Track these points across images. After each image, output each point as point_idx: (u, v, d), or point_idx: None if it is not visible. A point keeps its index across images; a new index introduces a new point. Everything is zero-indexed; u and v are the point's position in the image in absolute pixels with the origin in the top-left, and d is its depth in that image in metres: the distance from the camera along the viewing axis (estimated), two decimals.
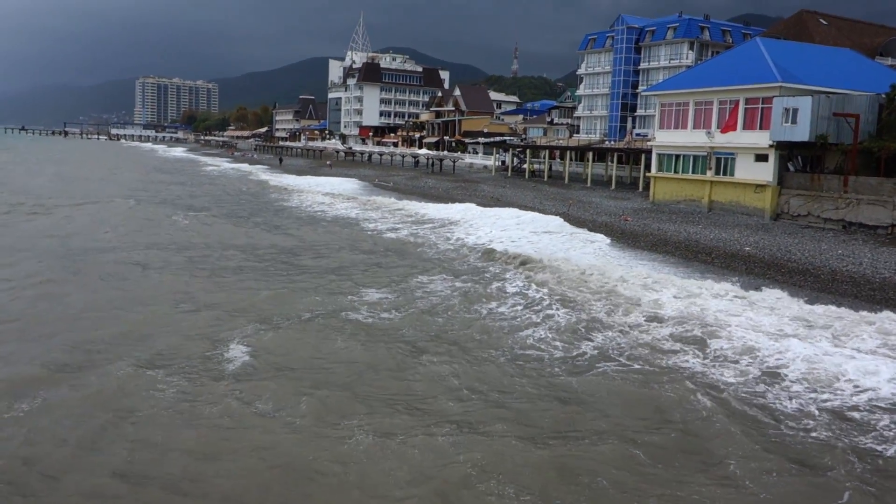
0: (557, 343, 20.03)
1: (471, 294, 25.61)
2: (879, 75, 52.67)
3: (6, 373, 16.59)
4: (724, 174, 49.91)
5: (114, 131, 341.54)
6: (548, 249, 34.84)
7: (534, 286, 26.61)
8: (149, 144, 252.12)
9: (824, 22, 75.31)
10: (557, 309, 23.35)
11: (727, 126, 49.53)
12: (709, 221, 45.13)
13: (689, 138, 52.74)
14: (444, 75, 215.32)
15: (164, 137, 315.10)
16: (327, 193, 64.77)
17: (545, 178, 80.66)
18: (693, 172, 52.53)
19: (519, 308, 23.86)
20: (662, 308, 23.28)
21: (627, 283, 26.51)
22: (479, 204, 53.97)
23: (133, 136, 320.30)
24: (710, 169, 50.74)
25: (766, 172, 46.55)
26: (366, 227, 43.92)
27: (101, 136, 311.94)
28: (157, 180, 78.88)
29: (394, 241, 38.00)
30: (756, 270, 30.43)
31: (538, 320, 22.30)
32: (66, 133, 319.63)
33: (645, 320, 22.15)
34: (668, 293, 25.03)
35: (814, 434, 14.62)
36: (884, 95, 45.41)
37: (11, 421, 14.22)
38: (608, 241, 38.32)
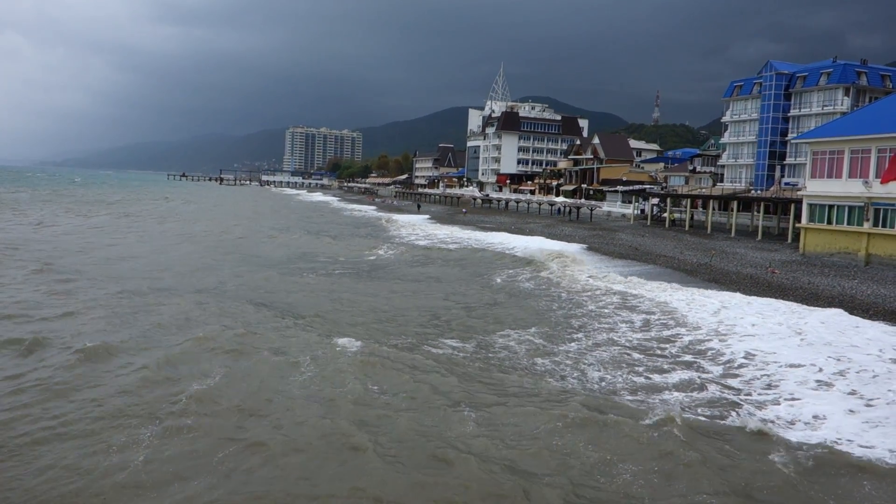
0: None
1: None
2: None
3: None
4: (884, 226, 46.90)
5: (264, 177, 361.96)
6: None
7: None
8: (294, 190, 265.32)
9: None
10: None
11: (887, 175, 46.67)
12: (866, 276, 42.36)
13: (845, 188, 50.05)
14: (583, 123, 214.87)
15: (310, 184, 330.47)
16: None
17: (686, 228, 78.44)
18: (848, 224, 49.67)
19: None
20: None
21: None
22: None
23: (281, 182, 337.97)
24: (868, 220, 47.83)
25: None
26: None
27: (252, 182, 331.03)
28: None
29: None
30: None
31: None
32: (221, 179, 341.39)
33: None
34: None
35: None
36: None
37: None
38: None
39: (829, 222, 51.36)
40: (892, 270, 44.45)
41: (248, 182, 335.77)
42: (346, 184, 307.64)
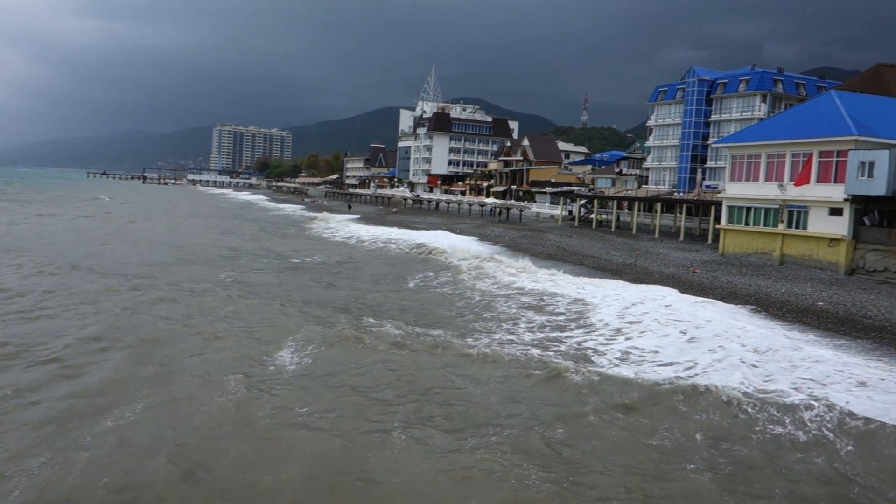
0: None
1: None
2: None
3: None
4: (797, 227, 49.05)
5: (190, 176, 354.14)
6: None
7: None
8: (221, 189, 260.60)
9: None
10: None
11: (800, 179, 48.82)
12: (780, 275, 44.28)
13: (761, 191, 52.12)
14: (514, 125, 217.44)
15: (237, 183, 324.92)
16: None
17: (612, 229, 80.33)
18: (764, 225, 51.76)
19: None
20: None
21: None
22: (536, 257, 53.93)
23: (208, 181, 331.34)
24: (783, 222, 49.94)
25: (840, 226, 45.62)
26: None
27: (176, 181, 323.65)
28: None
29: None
30: (829, 326, 29.69)
31: None
32: (144, 178, 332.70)
33: None
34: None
35: None
36: None
37: None
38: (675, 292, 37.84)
39: (747, 224, 53.40)
40: (805, 270, 46.57)
41: (173, 181, 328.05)
42: (275, 183, 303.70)
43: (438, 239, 62.62)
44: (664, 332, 27.48)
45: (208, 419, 16.91)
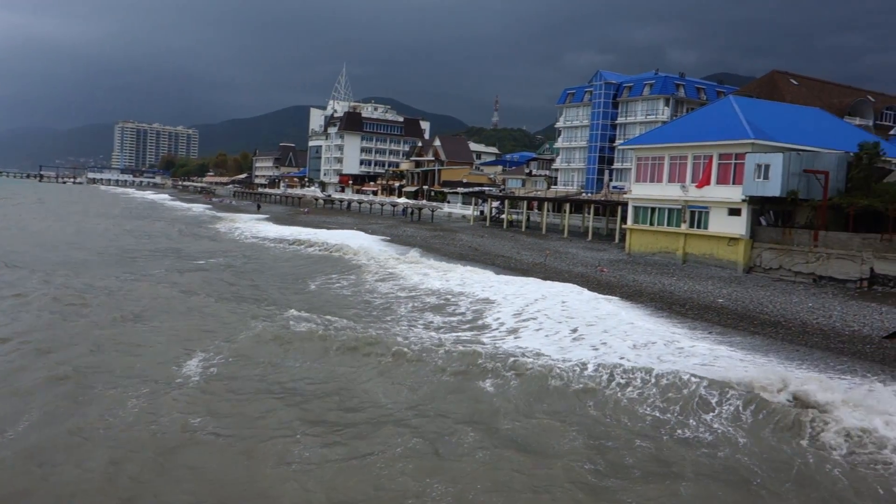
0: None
1: None
2: (848, 134, 54.21)
3: None
4: (699, 227, 50.79)
5: (90, 175, 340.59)
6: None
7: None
8: (123, 188, 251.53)
9: (795, 82, 77.50)
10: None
11: (701, 181, 50.57)
12: (683, 273, 45.75)
13: (665, 192, 53.73)
14: (425, 125, 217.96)
15: (141, 182, 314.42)
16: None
17: (523, 229, 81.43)
18: (668, 225, 53.39)
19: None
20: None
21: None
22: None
23: (110, 180, 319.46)
24: (685, 222, 51.62)
25: (739, 226, 47.46)
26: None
27: (76, 180, 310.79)
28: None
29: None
30: (728, 322, 30.82)
31: None
32: (41, 177, 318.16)
33: None
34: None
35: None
36: (852, 154, 46.73)
37: None
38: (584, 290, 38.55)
39: (652, 224, 55.00)
40: (706, 268, 48.29)
41: (72, 180, 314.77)
42: (181, 183, 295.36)
43: (348, 239, 61.97)
44: (556, 330, 27.97)
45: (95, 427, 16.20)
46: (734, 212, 48.09)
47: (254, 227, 79.17)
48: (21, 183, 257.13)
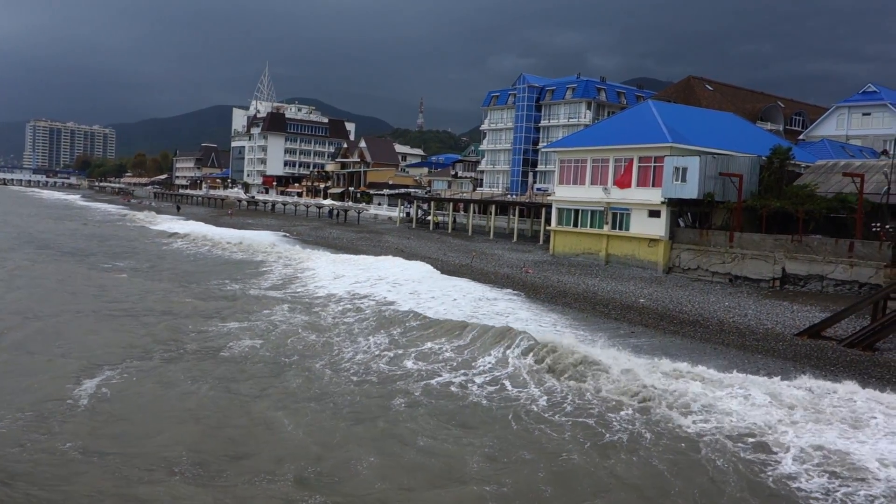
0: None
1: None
2: (760, 139, 56.31)
3: None
4: (620, 228, 51.93)
5: (0, 175, 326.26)
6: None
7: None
8: (36, 189, 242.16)
9: (710, 87, 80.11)
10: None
11: (622, 182, 51.72)
12: (606, 274, 46.69)
13: (587, 194, 54.73)
14: (350, 127, 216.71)
15: (55, 183, 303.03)
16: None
17: (449, 230, 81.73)
18: (591, 227, 54.41)
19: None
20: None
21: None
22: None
23: (21, 180, 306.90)
24: (607, 223, 52.70)
25: (658, 227, 48.73)
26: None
27: None
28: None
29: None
30: (650, 322, 31.58)
31: None
32: None
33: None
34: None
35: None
36: (764, 157, 48.55)
37: None
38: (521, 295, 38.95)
39: (575, 225, 55.95)
40: (628, 269, 49.41)
41: None
42: (97, 183, 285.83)
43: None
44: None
45: None
46: (654, 213, 49.35)
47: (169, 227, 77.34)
48: None
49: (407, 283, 40.57)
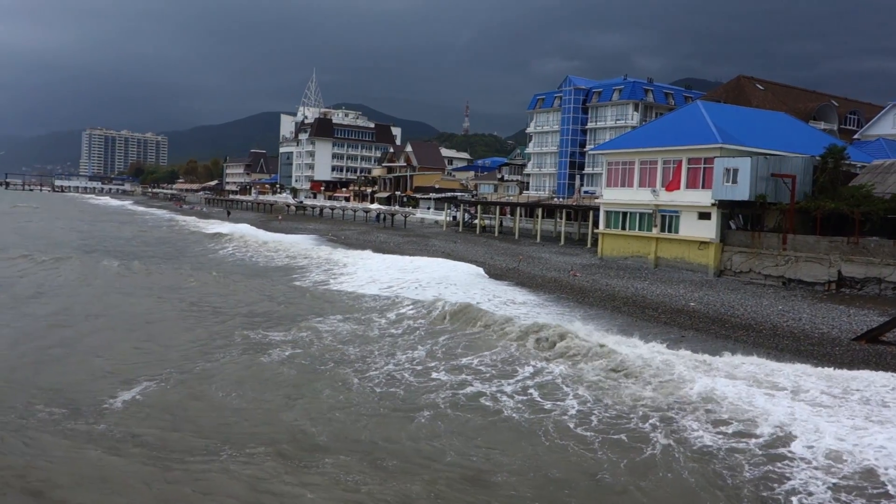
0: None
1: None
2: (813, 138, 55.08)
3: None
4: (670, 231, 51.28)
5: (58, 182, 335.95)
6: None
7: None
8: (93, 196, 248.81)
9: (761, 87, 78.65)
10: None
11: (671, 185, 51.09)
12: (655, 277, 46.16)
13: (635, 196, 54.17)
14: (396, 131, 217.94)
15: (110, 189, 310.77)
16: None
17: (496, 234, 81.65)
18: (639, 229, 53.84)
19: None
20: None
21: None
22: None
23: (78, 187, 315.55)
24: (656, 226, 52.10)
25: (709, 230, 47.99)
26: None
27: (42, 188, 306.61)
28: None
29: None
30: (701, 326, 31.13)
31: None
32: (7, 184, 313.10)
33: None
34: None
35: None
36: (818, 158, 47.47)
37: None
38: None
39: (623, 228, 55.44)
40: (677, 272, 48.76)
41: (39, 187, 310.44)
42: (150, 190, 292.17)
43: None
44: None
45: None
46: (704, 216, 48.62)
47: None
48: None
49: (453, 285, 40.63)
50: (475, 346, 25.88)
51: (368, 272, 46.96)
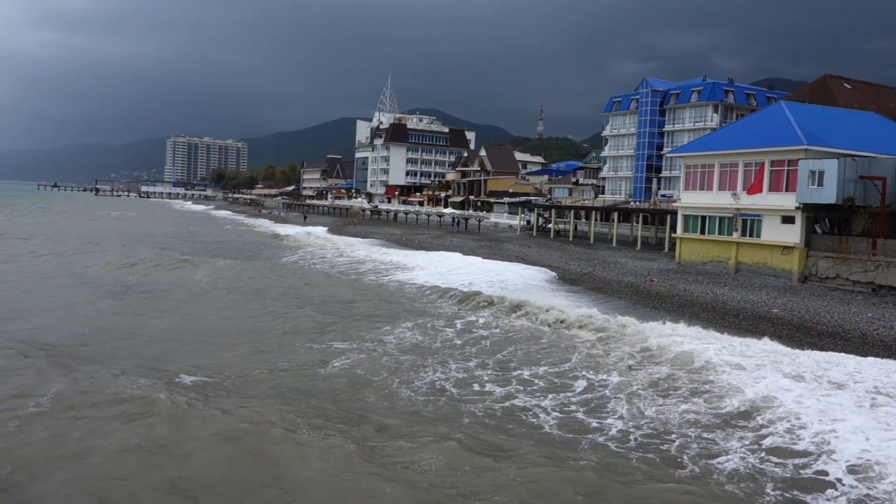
0: None
1: None
2: None
3: None
4: (751, 235, 49.79)
5: (143, 188, 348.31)
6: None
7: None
8: (177, 201, 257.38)
9: (848, 86, 75.64)
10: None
11: (752, 188, 49.62)
12: (736, 283, 44.87)
13: (715, 199, 52.82)
14: (470, 136, 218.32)
15: (192, 195, 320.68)
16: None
17: (570, 238, 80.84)
18: (719, 233, 52.45)
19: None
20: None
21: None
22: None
23: (162, 193, 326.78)
24: (737, 230, 50.67)
25: (792, 234, 46.40)
26: None
27: (130, 193, 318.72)
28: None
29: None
30: (784, 333, 30.09)
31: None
32: (97, 190, 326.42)
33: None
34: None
35: None
36: None
37: None
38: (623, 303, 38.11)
39: (702, 232, 54.09)
40: (759, 277, 47.26)
41: (125, 193, 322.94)
42: (231, 195, 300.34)
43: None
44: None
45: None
46: (788, 219, 47.03)
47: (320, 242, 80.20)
48: (79, 196, 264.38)
49: (527, 289, 40.38)
50: (550, 353, 25.65)
51: (440, 275, 47.12)
